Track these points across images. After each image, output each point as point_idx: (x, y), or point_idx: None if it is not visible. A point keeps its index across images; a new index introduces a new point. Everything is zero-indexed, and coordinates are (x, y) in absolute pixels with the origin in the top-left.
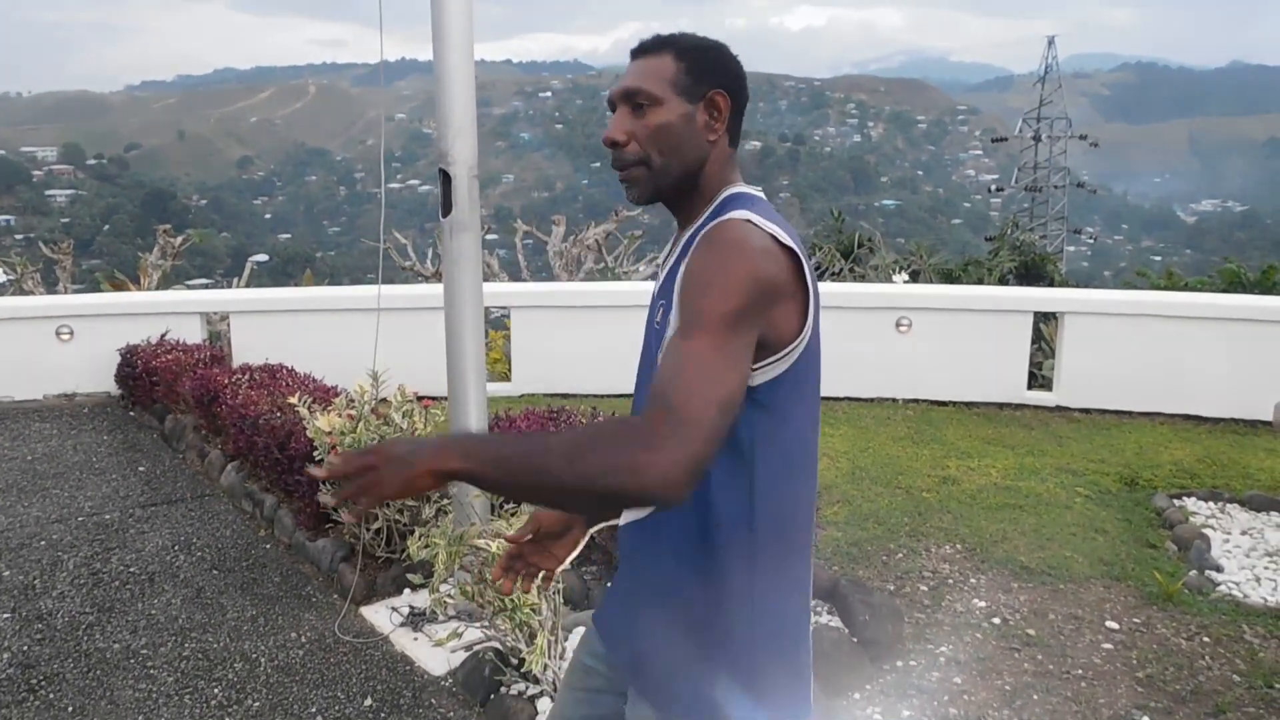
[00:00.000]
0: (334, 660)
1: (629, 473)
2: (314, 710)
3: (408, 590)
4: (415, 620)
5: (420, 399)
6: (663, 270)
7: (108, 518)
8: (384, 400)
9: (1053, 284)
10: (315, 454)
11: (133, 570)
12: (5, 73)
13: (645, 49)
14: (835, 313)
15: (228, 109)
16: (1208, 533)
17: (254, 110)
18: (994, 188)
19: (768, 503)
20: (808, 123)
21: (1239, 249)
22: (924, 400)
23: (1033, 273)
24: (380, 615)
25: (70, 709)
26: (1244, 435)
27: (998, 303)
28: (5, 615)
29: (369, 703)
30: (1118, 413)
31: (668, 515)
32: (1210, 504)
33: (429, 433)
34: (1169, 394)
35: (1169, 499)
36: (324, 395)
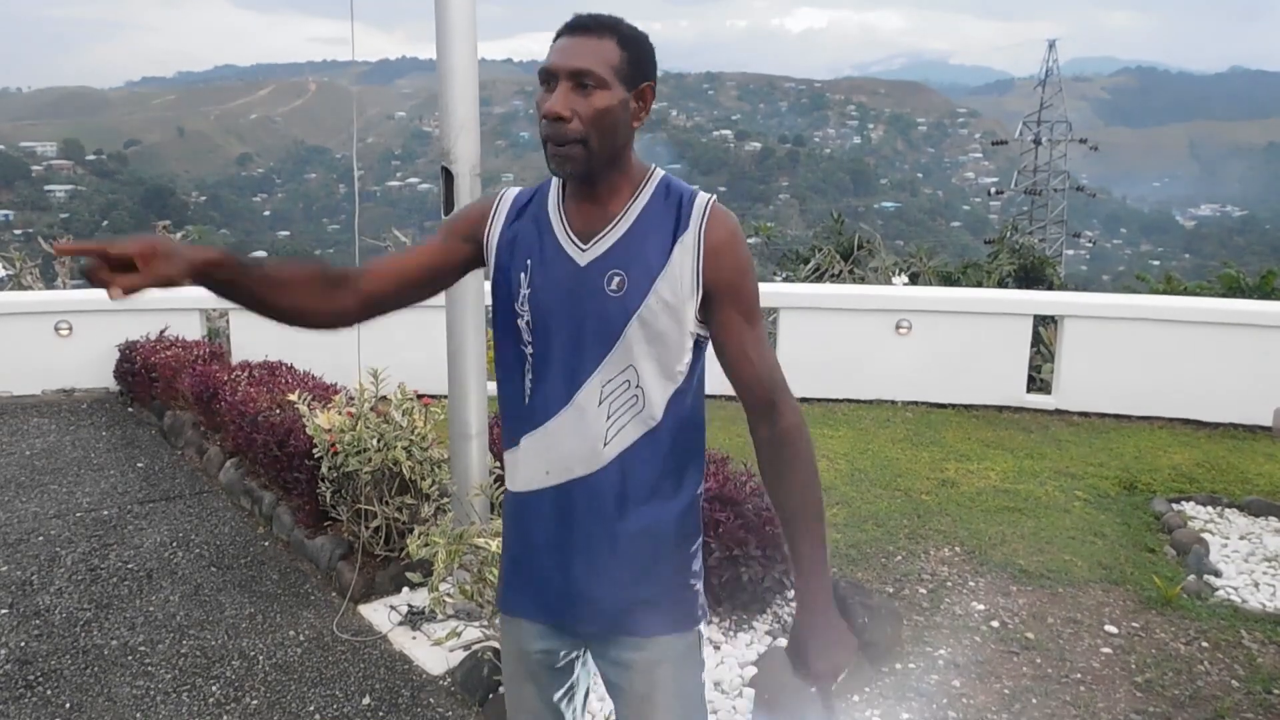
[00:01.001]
0: (332, 659)
1: (811, 445)
2: (312, 709)
3: (406, 589)
4: (414, 619)
5: (420, 397)
6: (603, 239)
7: (106, 514)
8: (384, 398)
9: (1052, 287)
10: (314, 451)
11: (131, 567)
12: (5, 68)
13: (586, 28)
14: (835, 314)
15: (228, 106)
16: (1206, 537)
17: (254, 107)
18: (993, 191)
19: (701, 414)
20: (808, 124)
21: (1237, 254)
22: (923, 403)
23: (1032, 276)
24: (379, 614)
25: (68, 705)
26: (1243, 440)
27: (997, 306)
28: (3, 611)
29: (367, 701)
30: (1117, 417)
31: (644, 450)
32: (1209, 509)
33: (428, 430)
34: (1168, 398)
35: (1168, 503)
36: (324, 393)
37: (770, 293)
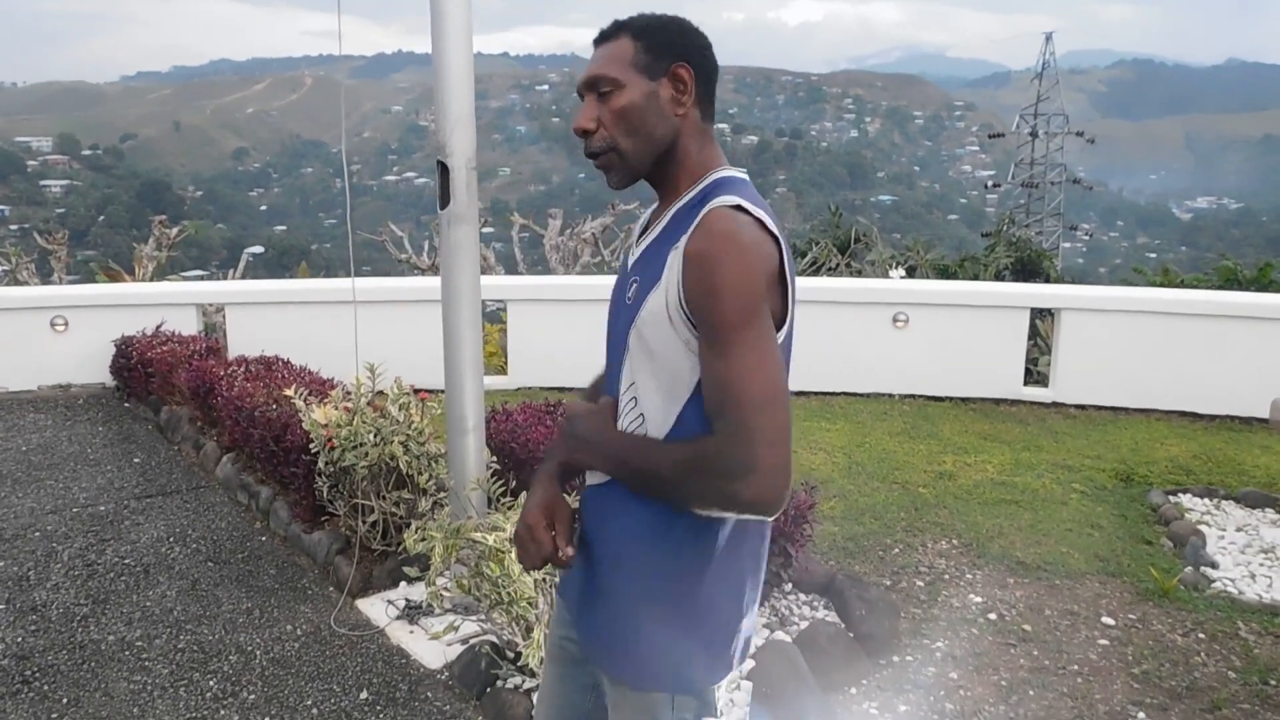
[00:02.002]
0: (330, 653)
1: (726, 502)
2: (309, 703)
3: (404, 583)
4: (411, 613)
5: (417, 391)
6: (637, 245)
7: (102, 509)
8: (380, 393)
9: (1049, 280)
10: (311, 446)
11: (127, 562)
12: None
13: (604, 35)
14: (832, 308)
15: (223, 100)
16: (1203, 529)
17: (250, 101)
18: (990, 184)
19: None
20: (804, 117)
21: (1234, 246)
22: (920, 396)
23: (1029, 269)
24: (376, 608)
25: (65, 700)
26: (1239, 432)
27: (994, 298)
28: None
29: (365, 696)
30: (1114, 409)
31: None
32: (1206, 500)
33: (425, 425)
34: (1165, 390)
35: (1165, 495)
36: (320, 388)
37: None
